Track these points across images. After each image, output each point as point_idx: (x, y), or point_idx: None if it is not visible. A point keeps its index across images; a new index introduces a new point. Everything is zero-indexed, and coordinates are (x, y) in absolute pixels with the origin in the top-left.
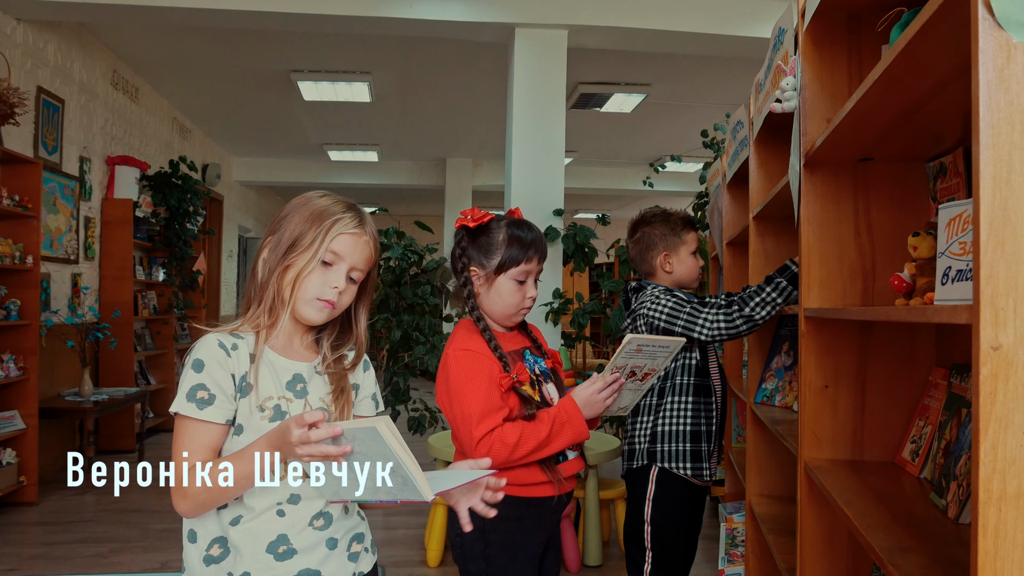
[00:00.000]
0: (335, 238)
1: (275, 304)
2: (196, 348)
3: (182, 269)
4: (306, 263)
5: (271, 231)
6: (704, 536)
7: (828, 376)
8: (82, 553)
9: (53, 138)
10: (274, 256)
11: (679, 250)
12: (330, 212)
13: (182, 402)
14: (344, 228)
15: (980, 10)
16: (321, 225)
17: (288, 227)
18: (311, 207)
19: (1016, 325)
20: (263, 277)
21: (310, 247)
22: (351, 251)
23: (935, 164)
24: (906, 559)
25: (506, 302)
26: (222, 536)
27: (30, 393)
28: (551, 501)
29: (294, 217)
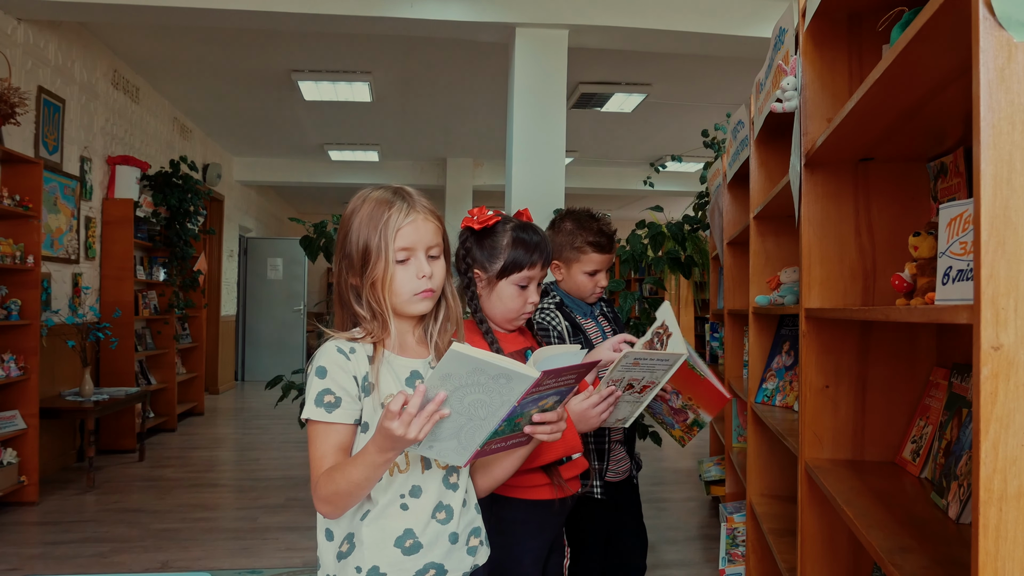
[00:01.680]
0: (396, 235)
1: (380, 315)
2: (318, 356)
3: (183, 269)
4: (383, 271)
5: (340, 249)
6: (705, 536)
7: (829, 376)
8: (83, 553)
9: (54, 138)
10: (354, 276)
11: (571, 266)
12: (379, 213)
13: (311, 408)
14: (399, 222)
15: (981, 10)
16: (378, 230)
17: (351, 244)
18: (362, 214)
19: (1017, 325)
20: (355, 296)
21: (380, 257)
22: (417, 237)
23: (936, 164)
24: (907, 559)
25: (507, 307)
26: (351, 532)
27: (31, 393)
28: (554, 504)
29: (352, 233)
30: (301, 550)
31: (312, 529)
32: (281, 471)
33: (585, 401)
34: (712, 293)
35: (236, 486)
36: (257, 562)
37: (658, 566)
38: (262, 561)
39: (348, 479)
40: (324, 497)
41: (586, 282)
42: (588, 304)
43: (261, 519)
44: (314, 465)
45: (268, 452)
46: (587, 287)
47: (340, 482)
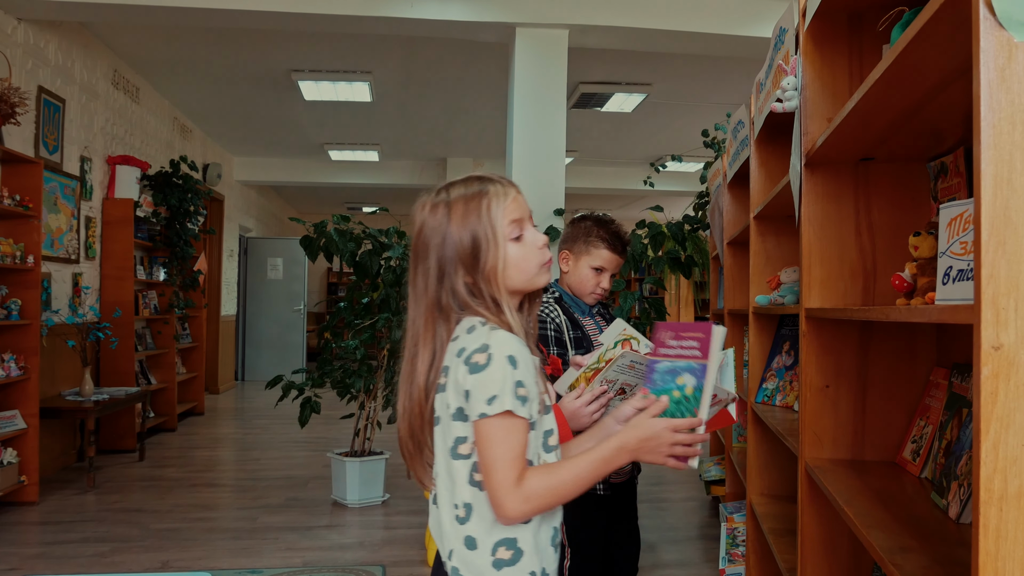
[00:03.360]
0: (502, 214)
1: (498, 305)
2: (498, 343)
3: (183, 269)
4: (496, 254)
5: (434, 254)
6: (705, 536)
7: (829, 376)
8: (83, 553)
9: (54, 138)
10: (466, 273)
11: (580, 258)
12: (475, 203)
13: (510, 399)
14: (502, 202)
15: (981, 10)
16: (481, 219)
17: (454, 245)
18: (455, 214)
19: (1017, 325)
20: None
21: (491, 242)
22: (522, 210)
23: (936, 164)
24: (907, 559)
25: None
26: (509, 537)
27: (31, 393)
28: None
29: (450, 235)
30: (301, 550)
31: (314, 529)
32: (281, 471)
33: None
34: (712, 293)
35: (236, 486)
36: (257, 562)
37: (658, 566)
38: (262, 561)
39: (577, 480)
40: (536, 496)
41: (590, 277)
42: (586, 304)
43: (261, 519)
44: (503, 464)
45: (268, 452)
46: (590, 283)
47: (565, 481)
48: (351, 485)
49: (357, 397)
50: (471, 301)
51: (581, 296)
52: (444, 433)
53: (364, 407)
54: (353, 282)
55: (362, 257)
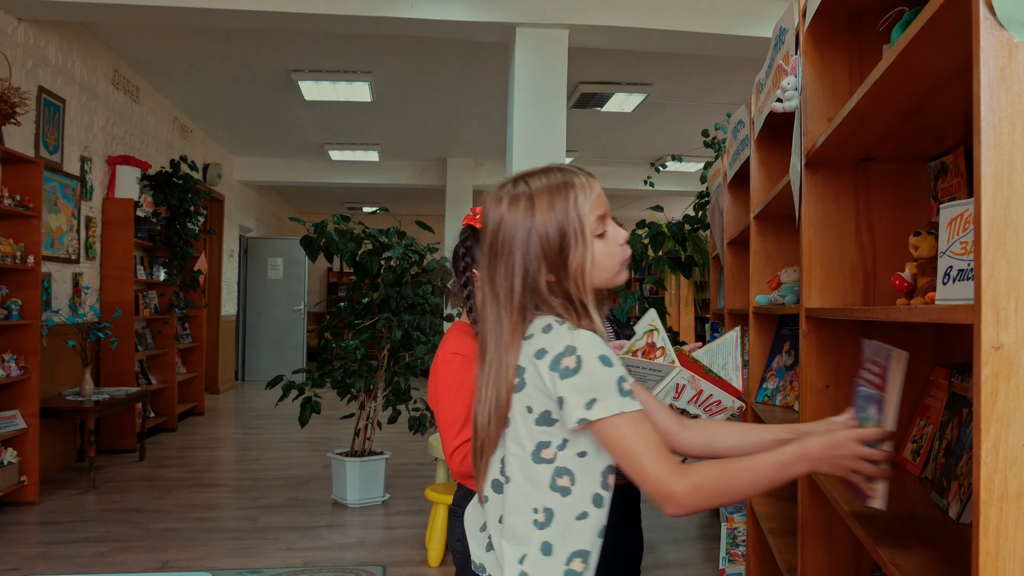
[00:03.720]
0: (589, 210)
1: (583, 306)
2: (587, 345)
3: (183, 269)
4: (583, 251)
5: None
6: (705, 536)
7: (829, 376)
8: (83, 553)
9: (54, 138)
10: (549, 271)
11: None
12: (562, 196)
13: (619, 399)
14: (589, 196)
15: (981, 10)
16: (568, 214)
17: (540, 240)
18: (540, 206)
19: (1018, 325)
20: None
21: (579, 239)
22: (605, 205)
23: (936, 164)
24: (907, 559)
25: None
26: (584, 549)
27: (31, 393)
28: None
29: (535, 229)
30: (301, 550)
31: (314, 529)
32: (281, 471)
33: None
34: (712, 293)
35: (236, 486)
36: (257, 562)
37: (659, 566)
38: (262, 561)
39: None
40: (707, 487)
41: None
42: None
43: (261, 519)
44: (651, 457)
45: (268, 452)
46: None
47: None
48: (351, 485)
49: (357, 397)
50: (552, 301)
51: None
52: (520, 436)
53: (364, 407)
54: (353, 282)
55: (362, 257)
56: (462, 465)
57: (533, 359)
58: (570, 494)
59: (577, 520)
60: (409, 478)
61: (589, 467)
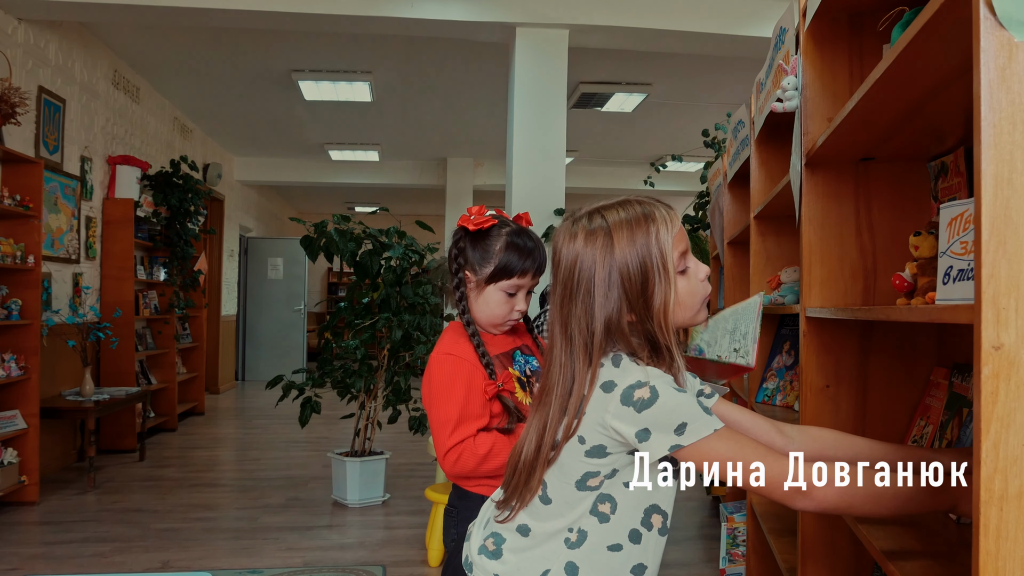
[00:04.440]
0: (670, 242)
1: (667, 349)
2: (659, 378)
3: (183, 269)
4: (667, 289)
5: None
6: (705, 536)
7: (829, 376)
8: (83, 553)
9: (54, 138)
10: (630, 311)
11: None
12: (644, 229)
13: (703, 420)
14: (671, 230)
15: (982, 9)
16: (651, 248)
17: (617, 276)
18: (621, 239)
19: (1018, 324)
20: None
21: (661, 276)
22: (686, 239)
23: (936, 163)
24: (907, 559)
25: (492, 312)
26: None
27: (31, 393)
28: None
29: (615, 265)
30: (301, 550)
31: (314, 529)
32: (281, 471)
33: None
34: (712, 293)
35: (237, 486)
36: (258, 562)
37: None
38: (263, 561)
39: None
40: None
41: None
42: None
43: (262, 519)
44: (763, 460)
45: (268, 452)
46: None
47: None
48: (351, 485)
49: (357, 397)
50: (634, 342)
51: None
52: (565, 464)
53: (364, 407)
54: (353, 282)
55: (362, 257)
56: (455, 466)
57: (599, 391)
58: (608, 521)
59: (609, 550)
60: (409, 478)
61: (633, 500)
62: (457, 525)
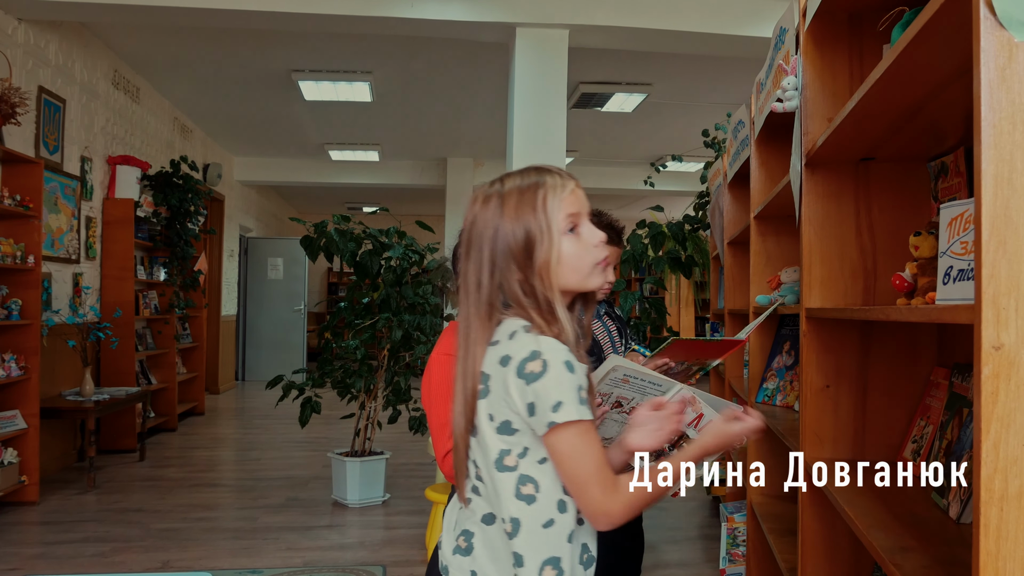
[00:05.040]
0: (559, 206)
1: (549, 305)
2: (552, 351)
3: (183, 269)
4: (549, 248)
5: (474, 250)
6: (705, 536)
7: (829, 376)
8: (83, 553)
9: (54, 138)
10: (519, 270)
11: None
12: (530, 194)
13: (577, 407)
14: (559, 194)
15: (982, 9)
16: (536, 210)
17: (507, 237)
18: (509, 205)
19: (1018, 325)
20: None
21: (544, 235)
22: (580, 204)
23: (936, 163)
24: (907, 559)
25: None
26: (555, 556)
27: (31, 393)
28: None
29: (503, 227)
30: (301, 550)
31: (314, 529)
32: (282, 471)
33: None
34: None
35: (237, 486)
36: (257, 562)
37: (659, 566)
38: (262, 561)
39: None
40: (629, 505)
41: None
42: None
43: (261, 519)
44: (598, 474)
45: (269, 452)
46: None
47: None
48: (351, 485)
49: (357, 397)
50: (524, 300)
51: None
52: (483, 444)
53: (364, 407)
54: (353, 282)
55: (362, 257)
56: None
57: (498, 366)
58: (535, 502)
59: (544, 528)
60: (409, 478)
61: (552, 472)
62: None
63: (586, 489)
